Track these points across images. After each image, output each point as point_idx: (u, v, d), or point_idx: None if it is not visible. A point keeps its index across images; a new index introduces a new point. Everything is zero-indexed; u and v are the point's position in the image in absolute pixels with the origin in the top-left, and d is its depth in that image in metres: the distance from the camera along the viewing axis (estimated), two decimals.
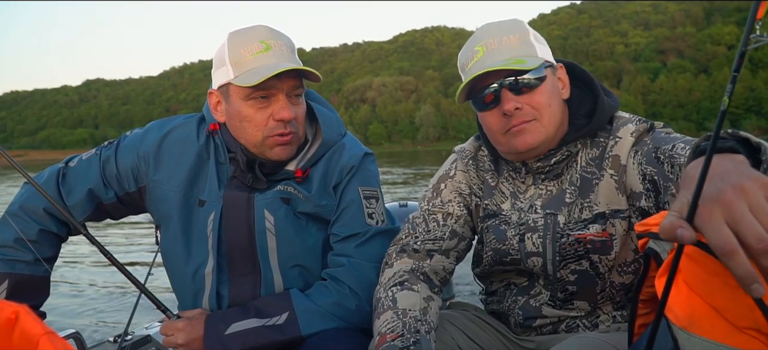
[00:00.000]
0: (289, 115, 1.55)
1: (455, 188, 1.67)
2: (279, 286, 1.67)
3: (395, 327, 1.41)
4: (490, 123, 1.52)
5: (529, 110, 1.45)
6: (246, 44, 1.55)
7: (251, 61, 1.54)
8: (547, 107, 1.46)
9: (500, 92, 1.45)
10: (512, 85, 1.44)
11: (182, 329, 1.59)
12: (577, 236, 1.48)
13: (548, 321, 1.59)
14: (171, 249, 1.73)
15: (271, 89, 1.54)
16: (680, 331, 0.82)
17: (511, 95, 1.44)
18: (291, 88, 1.57)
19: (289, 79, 1.55)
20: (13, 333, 0.87)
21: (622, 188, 1.46)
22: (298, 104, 1.61)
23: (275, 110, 1.56)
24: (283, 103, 1.56)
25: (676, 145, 1.33)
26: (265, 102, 1.56)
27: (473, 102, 1.53)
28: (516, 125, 1.46)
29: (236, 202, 1.65)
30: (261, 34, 1.56)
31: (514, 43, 1.46)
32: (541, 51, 1.49)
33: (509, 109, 1.44)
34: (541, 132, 1.46)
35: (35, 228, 1.66)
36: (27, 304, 0.91)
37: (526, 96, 1.45)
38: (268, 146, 1.60)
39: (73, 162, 1.76)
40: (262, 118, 1.57)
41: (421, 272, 1.60)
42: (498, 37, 1.47)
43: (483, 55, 1.47)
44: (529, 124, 1.45)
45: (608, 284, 1.52)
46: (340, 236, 1.67)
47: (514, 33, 1.47)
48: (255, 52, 1.54)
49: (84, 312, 5.49)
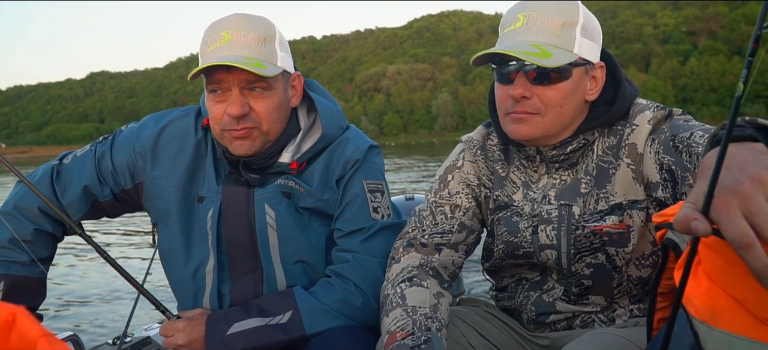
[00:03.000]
0: (236, 111, 1.49)
1: (463, 179, 1.63)
2: (282, 284, 1.63)
3: (405, 325, 1.37)
4: (499, 97, 1.49)
5: (536, 103, 1.40)
6: (210, 35, 1.52)
7: (209, 54, 1.51)
8: (556, 106, 1.40)
9: (516, 74, 1.40)
10: (528, 72, 1.39)
11: (183, 329, 1.55)
12: (593, 228, 1.43)
13: (562, 316, 1.55)
14: (170, 248, 1.69)
15: (223, 83, 1.50)
16: (700, 324, 0.79)
17: (524, 80, 1.39)
18: (244, 82, 1.50)
19: (242, 73, 1.49)
20: (10, 336, 0.86)
21: (640, 178, 1.41)
22: (259, 98, 1.53)
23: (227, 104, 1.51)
24: (233, 97, 1.50)
25: (694, 133, 1.29)
26: (221, 96, 1.52)
27: (494, 68, 1.48)
28: (517, 113, 1.42)
29: (235, 197, 1.61)
30: (228, 24, 1.52)
31: (554, 27, 1.39)
32: (581, 47, 1.40)
33: (516, 94, 1.40)
34: (539, 128, 1.42)
35: (30, 228, 1.62)
36: (23, 306, 0.89)
37: (540, 88, 1.39)
38: (227, 141, 1.56)
39: (67, 159, 1.72)
40: (218, 112, 1.53)
41: (430, 267, 1.56)
42: (542, 14, 1.39)
43: (520, 26, 1.40)
44: (530, 116, 1.41)
45: (625, 277, 1.48)
46: (344, 232, 1.63)
47: (561, 16, 1.39)
48: (214, 43, 1.51)
49: (81, 313, 5.46)
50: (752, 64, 0.76)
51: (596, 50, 1.44)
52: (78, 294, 6.18)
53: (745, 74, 0.75)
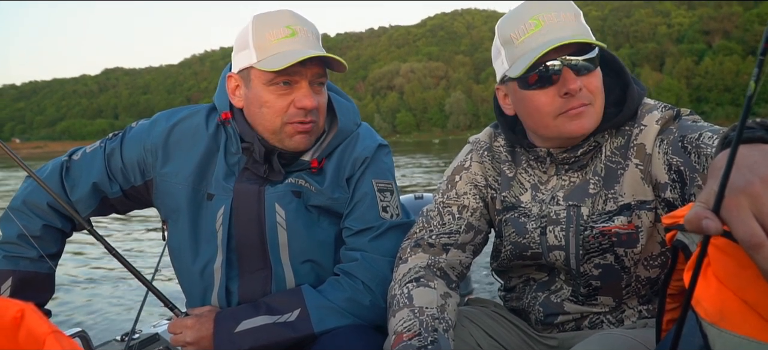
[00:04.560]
0: (311, 103, 1.52)
1: (471, 180, 1.62)
2: (290, 282, 1.63)
3: (412, 325, 1.37)
4: (541, 104, 1.40)
5: (586, 93, 1.38)
6: (271, 28, 1.52)
7: (276, 45, 1.50)
8: (600, 92, 1.40)
9: (561, 70, 1.36)
10: (574, 64, 1.36)
11: (191, 327, 1.56)
12: (601, 229, 1.42)
13: (571, 317, 1.54)
14: (179, 245, 1.69)
15: (295, 75, 1.51)
16: (710, 326, 0.78)
17: (571, 74, 1.36)
18: (315, 76, 1.54)
19: (314, 66, 1.52)
20: (19, 332, 0.86)
21: (648, 179, 1.40)
22: (320, 93, 1.58)
23: (297, 97, 1.53)
24: (306, 90, 1.53)
25: (703, 134, 1.28)
26: (287, 88, 1.53)
27: (519, 80, 1.42)
28: (575, 107, 1.37)
29: (247, 196, 1.61)
30: (287, 19, 1.53)
31: (572, 20, 1.37)
32: (591, 33, 1.41)
33: (574, 88, 1.34)
34: (594, 118, 1.40)
35: (39, 224, 1.63)
36: (32, 302, 0.89)
37: (586, 78, 1.37)
38: (287, 134, 1.56)
39: (76, 155, 1.72)
40: (282, 104, 1.53)
41: (438, 267, 1.55)
42: (556, 13, 1.37)
43: (542, 28, 1.36)
44: (586, 108, 1.38)
45: (634, 278, 1.47)
46: (353, 230, 1.63)
47: (569, 11, 1.38)
48: (280, 36, 1.51)
49: (90, 310, 5.45)
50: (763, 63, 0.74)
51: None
52: (86, 290, 6.19)
53: (756, 73, 0.74)
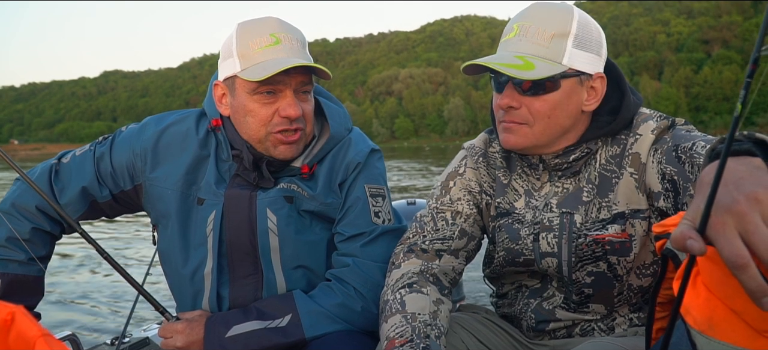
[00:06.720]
0: (295, 112, 1.51)
1: (464, 186, 1.61)
2: (282, 287, 1.62)
3: (404, 331, 1.36)
4: (493, 105, 1.51)
5: (524, 113, 1.40)
6: (255, 36, 1.51)
7: (259, 54, 1.49)
8: (545, 117, 1.40)
9: (505, 83, 1.41)
10: (517, 82, 1.39)
11: (181, 331, 1.55)
12: (594, 237, 1.42)
13: (562, 324, 1.54)
14: (169, 249, 1.68)
15: (278, 84, 1.50)
16: (699, 335, 0.80)
17: (513, 91, 1.40)
18: (299, 84, 1.53)
19: (298, 74, 1.51)
20: (9, 335, 0.86)
21: (642, 188, 1.40)
22: (306, 101, 1.57)
23: (282, 106, 1.51)
24: (290, 99, 1.51)
25: (696, 144, 1.29)
26: (271, 97, 1.52)
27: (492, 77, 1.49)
28: (506, 122, 1.43)
29: (238, 201, 1.60)
30: (271, 27, 1.52)
31: (543, 38, 1.37)
32: (572, 58, 1.37)
33: (503, 104, 1.42)
34: (527, 138, 1.42)
35: (28, 226, 1.62)
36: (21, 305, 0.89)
37: (529, 98, 1.39)
38: (272, 144, 1.55)
39: (66, 158, 1.71)
40: (266, 113, 1.52)
41: (430, 273, 1.54)
42: (535, 25, 1.38)
43: (513, 37, 1.41)
44: (518, 126, 1.42)
45: (626, 286, 1.47)
46: (345, 236, 1.62)
47: (552, 27, 1.37)
48: (263, 45, 1.50)
49: (80, 313, 5.40)
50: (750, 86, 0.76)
51: (595, 61, 1.41)
52: (76, 293, 6.12)
53: (742, 95, 0.76)
